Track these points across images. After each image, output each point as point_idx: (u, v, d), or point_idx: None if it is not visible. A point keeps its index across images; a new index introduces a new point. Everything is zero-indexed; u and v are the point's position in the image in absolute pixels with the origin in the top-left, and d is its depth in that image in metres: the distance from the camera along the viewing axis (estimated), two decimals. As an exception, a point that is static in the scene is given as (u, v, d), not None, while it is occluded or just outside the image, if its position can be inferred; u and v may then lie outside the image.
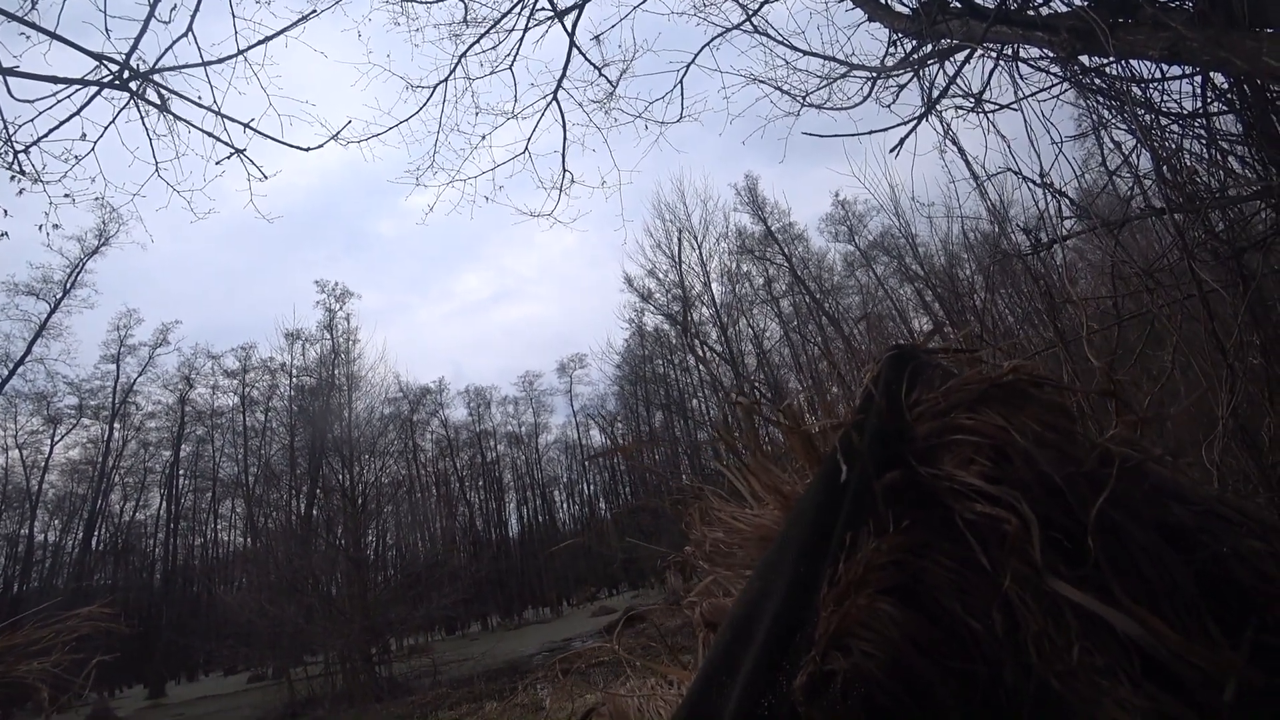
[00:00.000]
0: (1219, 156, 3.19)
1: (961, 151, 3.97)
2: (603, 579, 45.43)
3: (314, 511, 32.28)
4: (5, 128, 3.75)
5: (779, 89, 6.29)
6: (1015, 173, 3.83)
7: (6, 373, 31.90)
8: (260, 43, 4.15)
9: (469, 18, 7.53)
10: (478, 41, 7.21)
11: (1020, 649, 0.68)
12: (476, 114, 7.77)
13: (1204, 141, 3.17)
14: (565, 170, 8.08)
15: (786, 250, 37.01)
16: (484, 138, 7.71)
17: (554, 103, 7.45)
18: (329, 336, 37.94)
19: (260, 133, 3.98)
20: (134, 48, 4.40)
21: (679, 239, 35.20)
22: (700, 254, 35.31)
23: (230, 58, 3.97)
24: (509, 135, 8.29)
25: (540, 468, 49.95)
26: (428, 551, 40.58)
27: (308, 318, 42.05)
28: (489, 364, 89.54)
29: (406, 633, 29.87)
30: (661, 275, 36.50)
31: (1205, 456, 2.32)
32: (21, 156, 4.70)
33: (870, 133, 3.84)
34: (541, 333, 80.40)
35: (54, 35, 3.48)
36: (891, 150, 3.51)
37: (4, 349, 31.72)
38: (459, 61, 7.34)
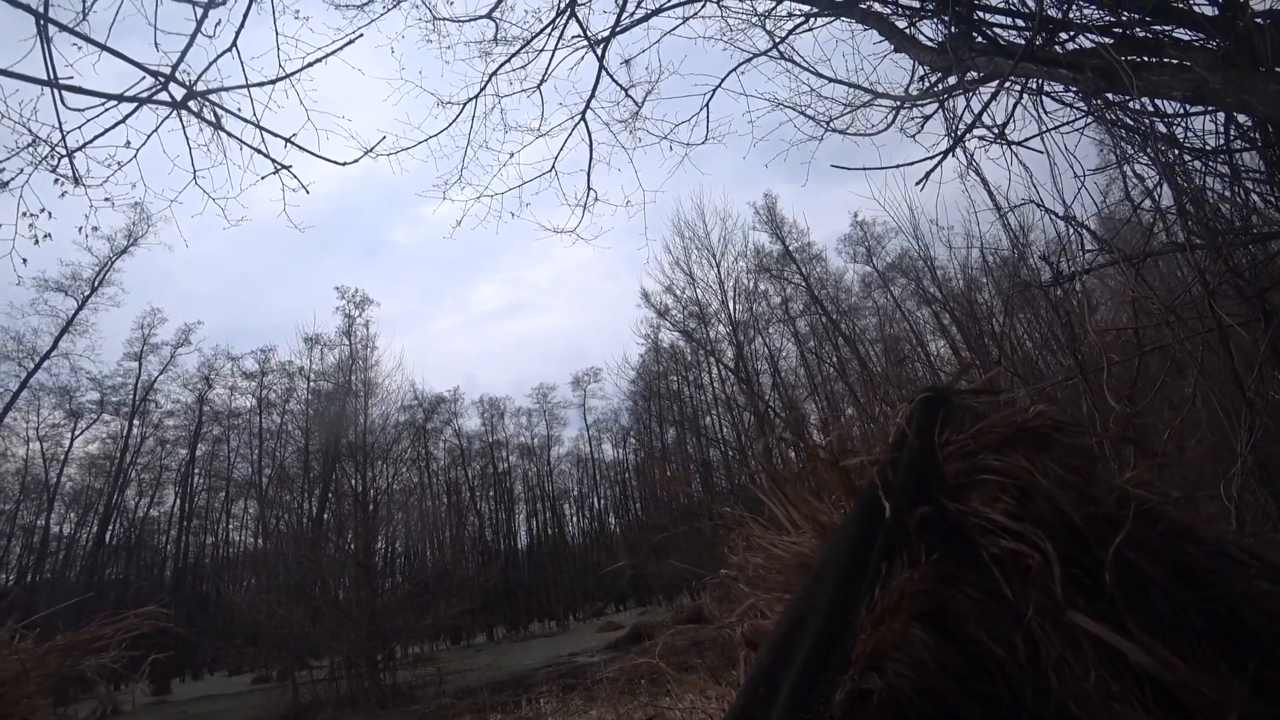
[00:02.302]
0: (1241, 194, 3.22)
1: (985, 183, 4.04)
2: (610, 594, 45.22)
3: (325, 515, 32.46)
4: (60, 132, 3.91)
5: (803, 113, 6.39)
6: (1038, 204, 3.89)
7: (32, 366, 32.45)
8: (306, 66, 4.31)
9: (499, 36, 7.70)
10: (509, 60, 7.37)
11: (1040, 675, 0.74)
12: (505, 131, 7.92)
13: (1227, 179, 3.21)
14: (590, 188, 8.20)
15: (804, 270, 37.04)
16: (512, 155, 7.85)
17: (582, 122, 7.60)
18: (347, 342, 38.34)
19: (301, 147, 4.13)
20: (179, 61, 4.56)
21: (697, 256, 35.37)
22: (718, 271, 35.39)
23: (279, 79, 4.12)
24: (536, 153, 8.48)
25: (551, 480, 49.97)
26: (436, 560, 40.68)
27: (327, 323, 42.61)
28: (503, 374, 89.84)
29: (413, 640, 29.91)
30: (679, 292, 36.61)
31: (1224, 492, 2.35)
32: (65, 161, 4.87)
33: (897, 166, 3.91)
34: (556, 345, 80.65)
35: (105, 48, 3.64)
36: (917, 183, 3.58)
37: (31, 343, 32.27)
38: (490, 79, 7.50)
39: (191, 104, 3.57)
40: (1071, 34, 3.65)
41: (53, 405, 37.34)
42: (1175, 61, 2.97)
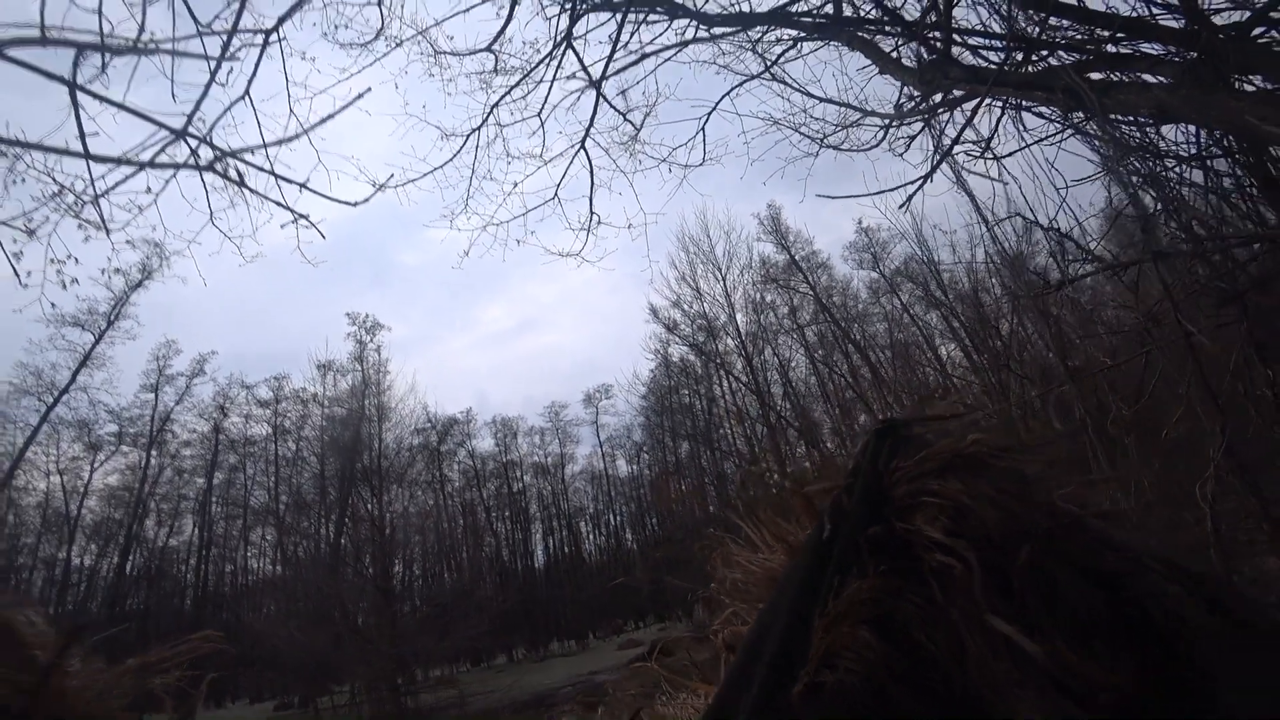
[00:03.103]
0: (1218, 201, 3.34)
1: (972, 197, 4.19)
2: (629, 611, 45.05)
3: (343, 540, 32.67)
4: (93, 188, 4.11)
5: (798, 131, 6.57)
6: (1023, 217, 4.02)
7: (52, 401, 33.01)
8: (320, 123, 4.51)
9: (499, 67, 7.93)
10: (509, 92, 7.59)
11: (965, 670, 0.88)
12: (509, 161, 8.14)
13: (1203, 187, 3.33)
14: (593, 213, 8.39)
15: (811, 278, 37.04)
16: (516, 185, 8.06)
17: (582, 150, 7.80)
18: (360, 368, 38.75)
19: (315, 191, 4.31)
20: (194, 111, 4.78)
21: (703, 270, 35.48)
22: (725, 284, 35.50)
23: (296, 137, 4.32)
24: (540, 180, 8.66)
25: (566, 498, 49.97)
26: (455, 582, 40.76)
27: (339, 349, 42.99)
28: (515, 393, 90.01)
29: (433, 663, 29.98)
30: (686, 306, 36.73)
31: (1199, 493, 2.45)
32: (89, 207, 5.10)
33: (879, 192, 4.06)
34: (566, 362, 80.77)
35: (128, 109, 3.84)
36: (900, 206, 3.73)
37: (50, 378, 32.84)
38: (491, 110, 7.72)
39: (217, 166, 3.77)
40: (1045, 53, 3.80)
41: (72, 438, 37.89)
42: (1143, 79, 3.10)
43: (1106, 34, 3.61)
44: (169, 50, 3.83)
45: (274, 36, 4.59)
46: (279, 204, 3.97)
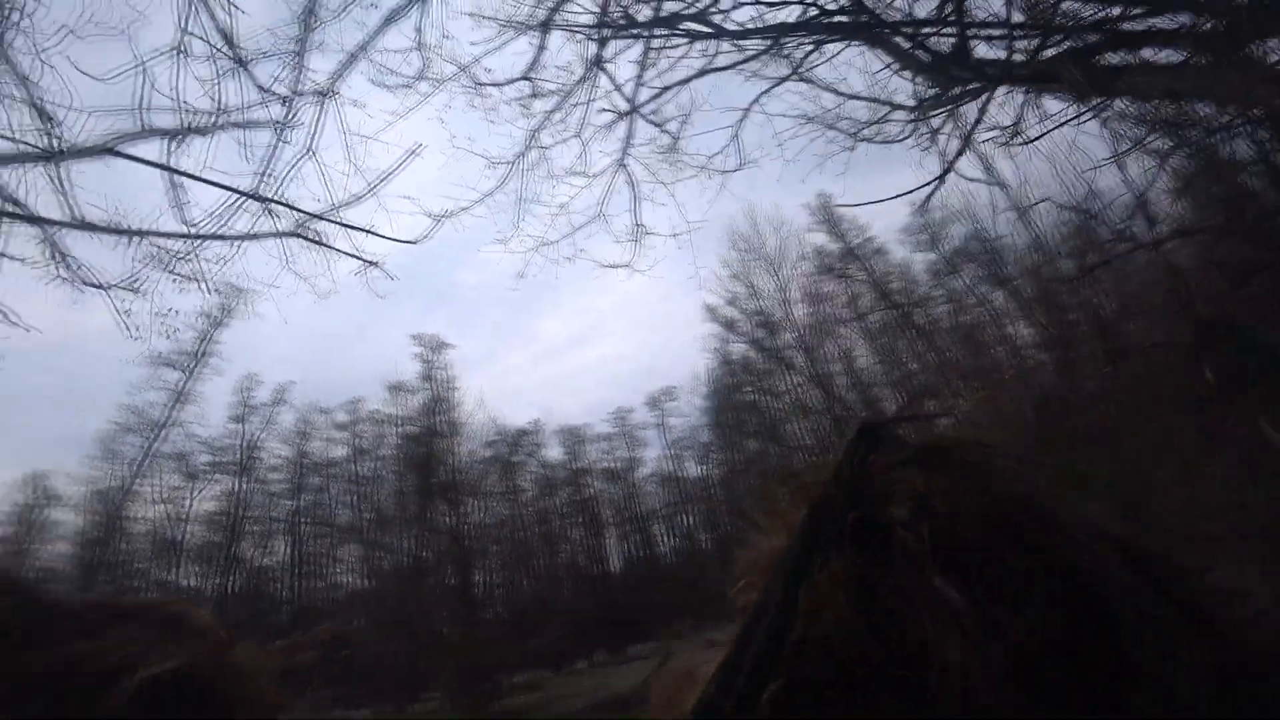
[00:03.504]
0: (1245, 178, 3.34)
1: (1002, 185, 4.26)
2: (709, 611, 44.88)
3: (424, 553, 33.84)
4: (195, 253, 4.60)
5: (831, 127, 6.69)
6: (1053, 201, 4.08)
7: (152, 437, 35.62)
8: (382, 181, 4.91)
9: (536, 92, 8.28)
10: (548, 116, 7.95)
11: (919, 623, 1.09)
12: (555, 184, 8.49)
13: (1226, 164, 3.34)
14: (638, 224, 8.67)
15: (867, 265, 36.39)
16: (562, 207, 8.41)
17: (622, 167, 8.09)
18: (428, 386, 40.23)
19: (381, 235, 4.70)
20: (265, 169, 5.26)
21: (756, 267, 35.31)
22: (778, 279, 35.26)
23: (361, 197, 4.73)
24: (586, 198, 8.96)
25: (638, 502, 50.23)
26: (533, 589, 41.65)
27: (408, 370, 44.53)
28: (579, 402, 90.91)
29: (515, 669, 30.74)
30: (742, 304, 36.56)
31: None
32: (182, 264, 5.64)
33: (894, 197, 4.18)
34: (627, 368, 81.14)
35: (211, 183, 4.31)
36: (920, 206, 3.84)
37: (150, 415, 35.52)
38: (533, 136, 8.09)
39: (300, 231, 4.20)
40: (1061, 37, 3.85)
41: (172, 470, 40.48)
42: (1154, 61, 3.15)
43: (1118, 12, 3.66)
44: (240, 123, 4.28)
45: (330, 93, 5.03)
46: (353, 255, 4.39)
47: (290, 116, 4.69)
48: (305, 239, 4.28)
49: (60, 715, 1.36)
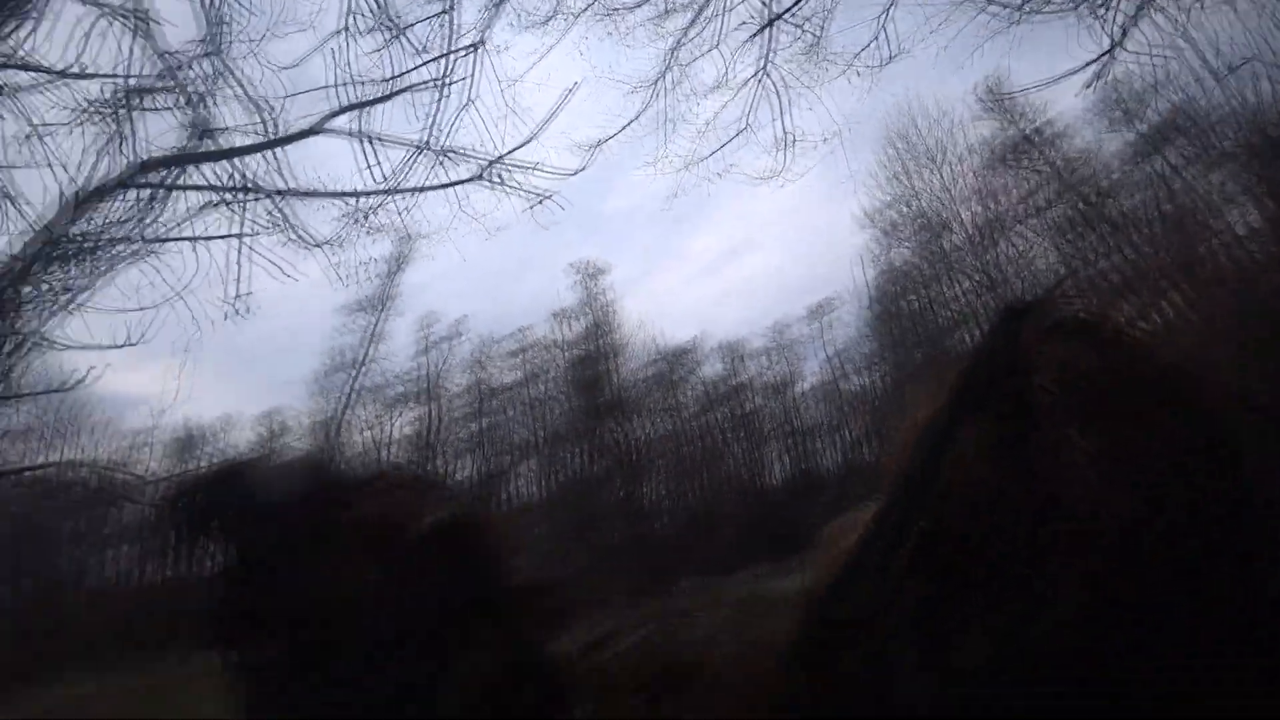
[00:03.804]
0: None
1: (1194, 49, 3.78)
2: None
3: (595, 468, 36.13)
4: (383, 197, 5.24)
5: (990, 2, 6.14)
6: (1259, 60, 3.61)
7: (354, 374, 40.93)
8: (547, 120, 5.23)
9: (669, 7, 8.22)
10: (684, 33, 7.90)
11: (1054, 476, 1.26)
12: (699, 102, 8.48)
13: None
14: (786, 132, 8.50)
15: (1047, 153, 32.27)
16: (707, 124, 8.41)
17: (765, 76, 7.92)
18: (589, 311, 42.22)
19: (548, 171, 5.05)
20: (431, 126, 5.77)
21: (915, 165, 32.74)
22: (942, 177, 32.54)
23: (534, 136, 5.08)
24: (733, 111, 8.86)
25: (799, 415, 49.86)
26: (697, 501, 43.31)
27: (569, 297, 46.66)
28: (736, 317, 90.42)
29: (683, 575, 32.46)
30: (902, 206, 34.25)
31: None
32: (372, 218, 6.39)
33: (1069, 74, 3.85)
34: (784, 280, 79.07)
35: (384, 139, 4.82)
36: (1096, 83, 3.55)
37: (351, 355, 41.46)
38: (671, 55, 8.09)
39: (484, 176, 4.67)
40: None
41: (372, 401, 45.84)
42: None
43: None
44: (407, 87, 4.75)
45: (480, 45, 5.39)
46: (528, 192, 4.81)
47: (448, 72, 5.11)
48: (489, 182, 4.73)
49: (376, 554, 1.84)
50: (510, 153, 4.80)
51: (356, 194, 4.77)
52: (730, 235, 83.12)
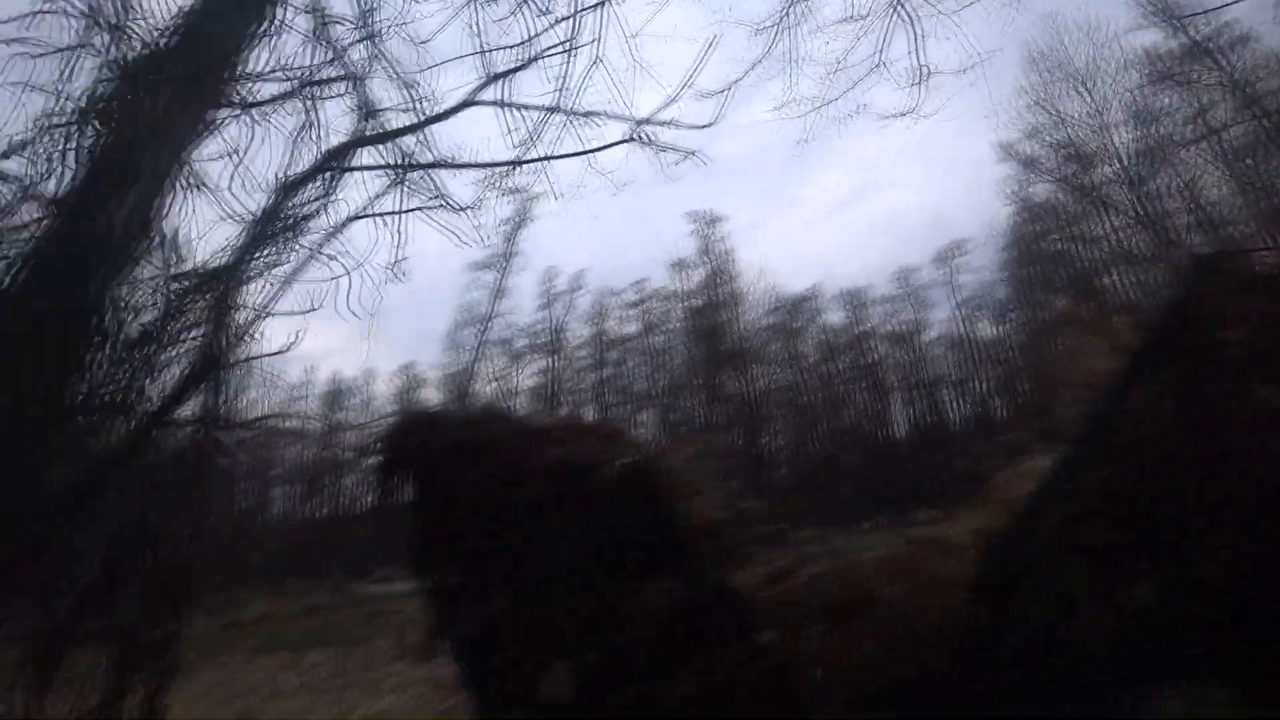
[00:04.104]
0: None
1: None
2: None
3: (714, 417, 36.47)
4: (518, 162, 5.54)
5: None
6: None
7: (482, 328, 43.48)
8: (691, 75, 5.27)
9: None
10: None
11: (1240, 426, 1.28)
12: (827, 41, 8.18)
13: None
14: (920, 65, 8.06)
15: (1224, 62, 27.26)
16: (838, 63, 8.11)
17: (899, 5, 7.53)
18: (707, 261, 42.15)
19: (685, 126, 5.13)
20: (560, 86, 5.94)
21: (1062, 88, 29.38)
22: (1093, 100, 29.02)
23: (677, 95, 5.16)
24: (865, 48, 8.46)
25: (925, 366, 47.73)
26: (817, 452, 42.84)
27: (687, 246, 46.75)
28: (859, 263, 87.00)
29: (802, 526, 32.49)
30: (1046, 136, 31.02)
31: None
32: (506, 182, 6.71)
33: None
34: (911, 223, 74.88)
35: (520, 105, 5.06)
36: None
37: (478, 311, 45.05)
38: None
39: (638, 136, 4.83)
40: None
41: (499, 354, 48.31)
42: None
43: None
44: (541, 54, 4.91)
45: (607, 3, 5.46)
46: (672, 149, 4.93)
47: (576, 32, 5.23)
48: (640, 143, 4.87)
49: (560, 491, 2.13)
50: (658, 111, 4.89)
51: (511, 163, 5.06)
52: (851, 178, 79.32)
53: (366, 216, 3.28)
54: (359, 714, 7.55)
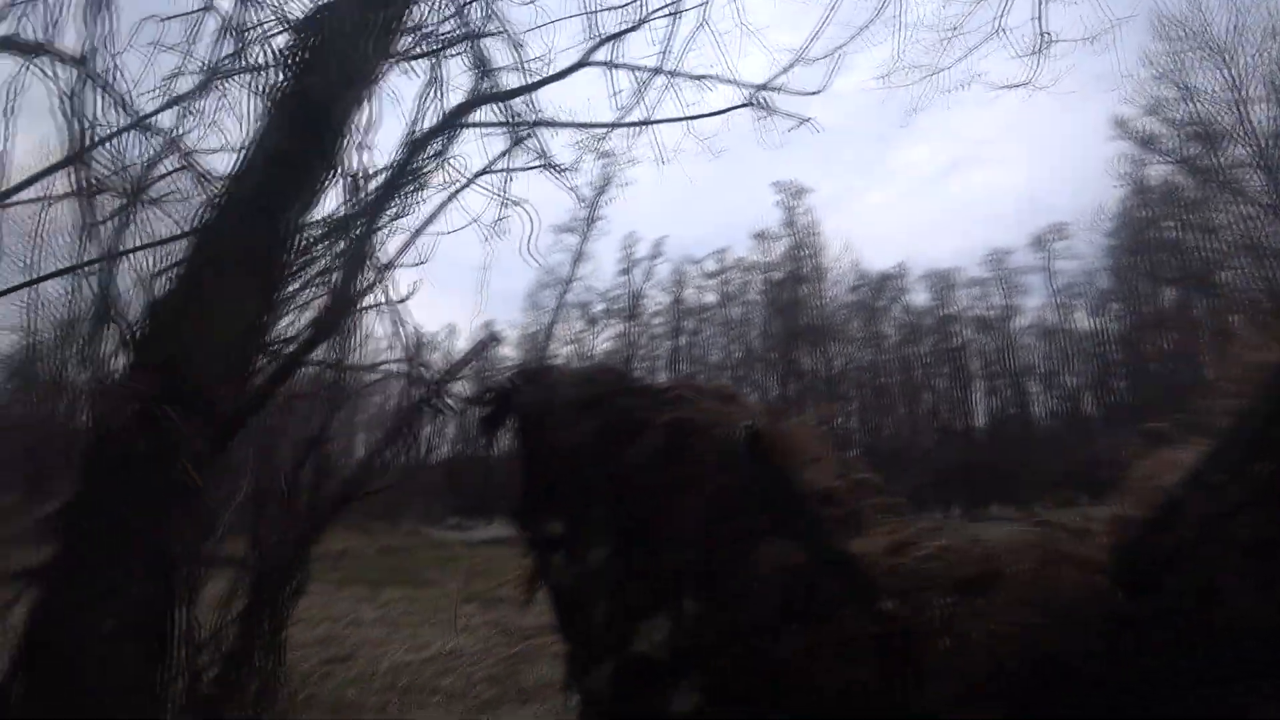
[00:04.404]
0: None
1: None
2: (1085, 485, 39.61)
3: (789, 393, 36.10)
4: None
5: None
6: None
7: (561, 290, 44.11)
8: (810, 40, 5.13)
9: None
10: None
11: None
12: (942, 5, 7.78)
13: None
14: (1042, 33, 7.56)
15: None
16: (954, 29, 7.71)
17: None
18: (791, 233, 41.29)
19: (794, 92, 5.03)
20: (665, 49, 5.90)
21: (1194, 59, 26.84)
22: (1230, 72, 26.40)
23: (805, 58, 5.03)
24: (981, 15, 8.00)
25: (1013, 355, 45.69)
26: (892, 436, 41.91)
27: (770, 217, 45.92)
28: (949, 243, 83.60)
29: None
30: (1169, 111, 28.50)
31: None
32: (602, 144, 6.72)
33: None
34: (1008, 203, 71.13)
35: (636, 68, 5.04)
36: None
37: (558, 273, 44.93)
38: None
39: (756, 102, 4.78)
40: None
41: (577, 317, 48.92)
42: None
43: None
44: (650, 15, 4.89)
45: None
46: (789, 115, 4.83)
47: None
48: (757, 108, 4.81)
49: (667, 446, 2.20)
50: (775, 77, 4.78)
51: (623, 124, 5.08)
52: (943, 152, 75.14)
53: (490, 173, 3.39)
54: (433, 650, 7.97)
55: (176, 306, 1.86)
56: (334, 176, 2.47)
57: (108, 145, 2.00)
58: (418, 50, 3.23)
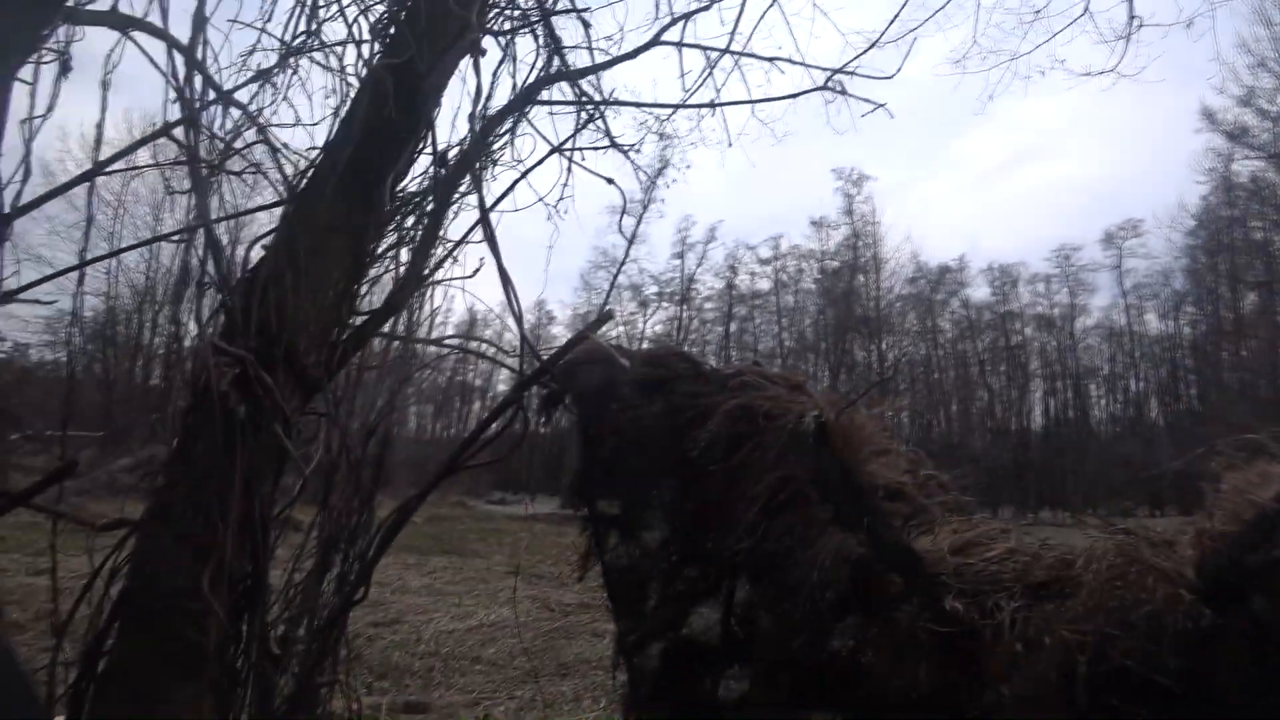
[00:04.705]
0: None
1: None
2: (1143, 495, 38.14)
3: (839, 381, 35.64)
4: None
5: None
6: None
7: (615, 272, 44.40)
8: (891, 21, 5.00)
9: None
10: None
11: None
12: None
13: None
14: (1132, 16, 7.15)
15: None
16: (1036, 13, 7.37)
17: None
18: (849, 221, 40.45)
19: (865, 75, 4.90)
20: (734, 28, 5.81)
21: None
22: None
23: (874, 45, 4.92)
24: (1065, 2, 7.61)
25: (1075, 356, 44.08)
26: (943, 432, 41.06)
27: (829, 204, 45.07)
28: (1013, 237, 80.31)
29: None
30: (1263, 102, 26.86)
31: None
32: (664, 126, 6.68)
33: None
34: (1078, 197, 67.85)
35: (694, 46, 4.99)
36: None
37: (611, 255, 44.55)
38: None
39: (832, 85, 4.68)
40: None
41: (629, 299, 48.99)
42: None
43: None
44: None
45: None
46: (864, 100, 4.71)
47: None
48: (832, 91, 4.69)
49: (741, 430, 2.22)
50: (853, 60, 4.63)
51: (696, 105, 5.02)
52: (1011, 141, 72.09)
53: (560, 152, 3.39)
54: (476, 620, 8.18)
55: (273, 273, 1.95)
56: (422, 149, 2.53)
57: (208, 115, 2.09)
58: (494, 27, 3.25)
